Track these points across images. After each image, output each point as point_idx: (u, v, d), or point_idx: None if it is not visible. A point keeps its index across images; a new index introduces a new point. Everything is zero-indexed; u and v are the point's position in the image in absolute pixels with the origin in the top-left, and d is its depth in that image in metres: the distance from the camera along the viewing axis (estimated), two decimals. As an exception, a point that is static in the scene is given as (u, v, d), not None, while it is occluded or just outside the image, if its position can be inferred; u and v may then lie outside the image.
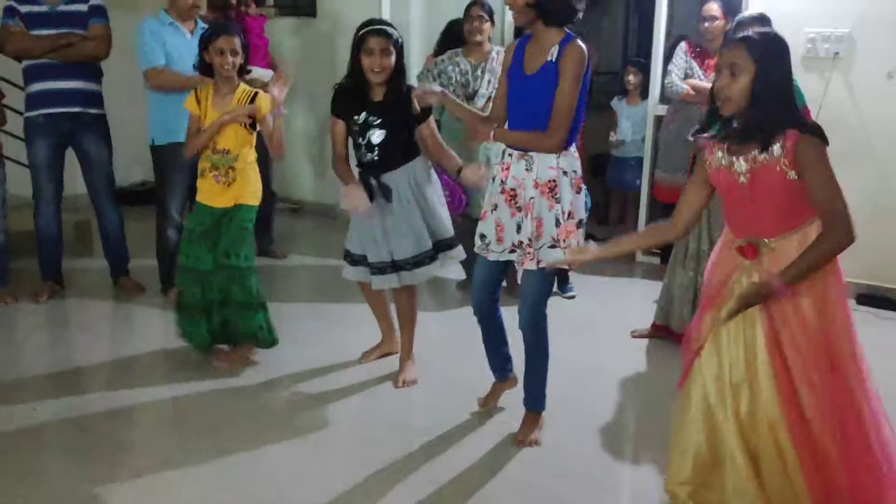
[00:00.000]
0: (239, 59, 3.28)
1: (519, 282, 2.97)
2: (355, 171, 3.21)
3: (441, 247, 3.28)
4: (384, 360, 3.60)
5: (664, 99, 4.76)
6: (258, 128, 3.36)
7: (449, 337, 3.79)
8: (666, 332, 3.82)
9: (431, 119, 3.16)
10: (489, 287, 2.88)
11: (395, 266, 3.20)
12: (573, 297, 4.44)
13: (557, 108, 2.54)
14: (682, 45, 4.56)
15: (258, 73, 4.29)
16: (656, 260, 5.10)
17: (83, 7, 4.00)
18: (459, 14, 5.49)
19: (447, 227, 3.31)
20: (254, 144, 3.41)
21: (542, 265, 2.64)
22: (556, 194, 2.61)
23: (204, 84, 3.37)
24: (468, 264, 4.07)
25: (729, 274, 2.20)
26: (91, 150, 4.14)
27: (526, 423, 2.92)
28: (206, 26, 4.05)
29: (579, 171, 2.68)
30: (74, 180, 4.31)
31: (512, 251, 2.71)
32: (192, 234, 3.40)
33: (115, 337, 3.96)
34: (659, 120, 4.87)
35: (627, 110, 5.34)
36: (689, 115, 4.49)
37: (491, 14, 4.19)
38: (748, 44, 2.03)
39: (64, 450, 2.90)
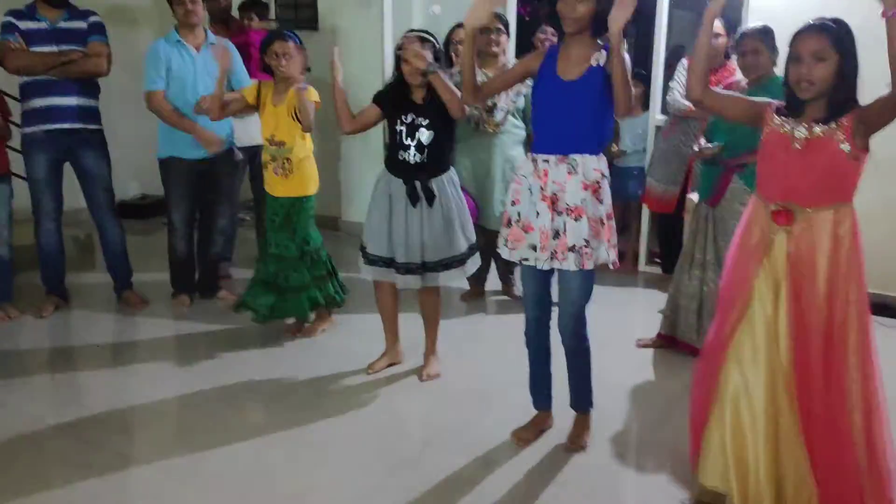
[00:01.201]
0: (294, 62, 3.64)
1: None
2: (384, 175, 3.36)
3: (470, 251, 3.41)
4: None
5: (665, 110, 4.78)
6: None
7: (449, 349, 3.78)
8: (671, 342, 3.82)
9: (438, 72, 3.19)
10: (544, 301, 2.87)
11: (424, 267, 3.31)
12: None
13: (623, 77, 2.52)
14: (684, 60, 4.57)
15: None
16: (658, 269, 5.11)
17: (83, 24, 4.03)
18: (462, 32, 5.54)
19: (473, 232, 3.44)
20: (307, 136, 3.73)
21: (599, 263, 2.69)
22: (600, 195, 2.68)
23: (194, 132, 3.99)
24: (476, 274, 4.09)
25: (756, 261, 2.30)
26: (91, 165, 4.16)
27: (577, 425, 2.98)
28: (214, 41, 4.12)
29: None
30: (77, 195, 4.31)
31: (553, 257, 2.68)
32: (273, 225, 3.82)
33: (119, 349, 3.95)
34: (658, 129, 4.89)
35: (629, 121, 5.35)
36: (687, 129, 4.52)
37: (507, 26, 4.21)
38: (830, 33, 2.18)
39: (66, 462, 2.87)
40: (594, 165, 2.66)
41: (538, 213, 2.68)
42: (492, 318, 4.46)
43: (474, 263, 3.44)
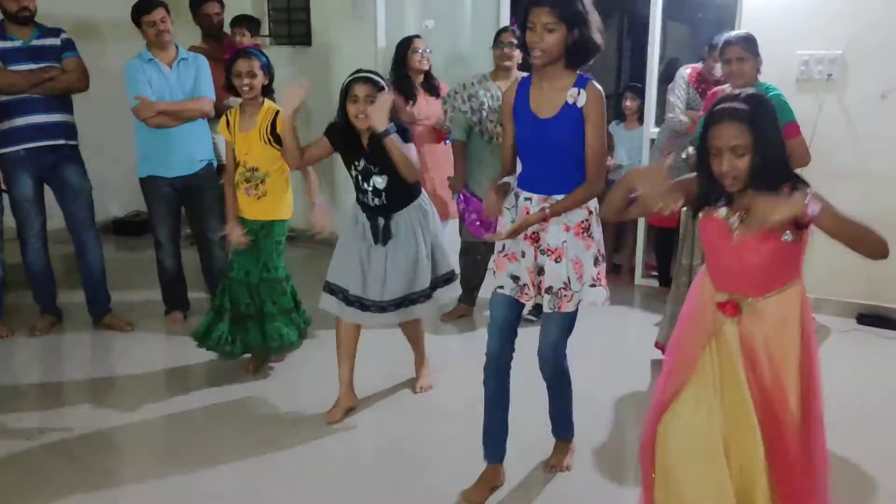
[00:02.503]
0: (258, 81, 3.46)
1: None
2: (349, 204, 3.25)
3: (439, 282, 3.29)
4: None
5: (660, 123, 4.77)
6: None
7: (440, 366, 3.75)
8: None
9: (392, 136, 2.95)
10: (510, 333, 2.67)
11: (391, 304, 3.17)
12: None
13: (594, 156, 2.47)
14: (682, 72, 4.49)
15: (232, 101, 4.34)
16: (655, 282, 5.08)
17: (56, 41, 4.01)
18: (456, 46, 5.56)
19: (449, 261, 3.33)
20: (283, 160, 3.44)
21: (581, 304, 2.56)
22: (590, 233, 2.55)
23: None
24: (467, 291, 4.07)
25: (703, 340, 2.17)
26: (74, 181, 4.13)
27: (558, 450, 2.92)
28: (186, 56, 4.12)
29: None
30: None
31: (538, 293, 2.58)
32: (239, 248, 3.59)
33: (110, 368, 3.91)
34: (652, 143, 4.87)
35: (625, 135, 5.35)
36: (684, 146, 4.49)
37: (520, 40, 4.19)
38: (744, 115, 1.97)
39: (52, 479, 2.84)
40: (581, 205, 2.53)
41: (524, 253, 2.58)
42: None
43: (449, 292, 3.34)
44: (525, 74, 4.18)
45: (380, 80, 3.05)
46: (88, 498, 2.73)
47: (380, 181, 3.09)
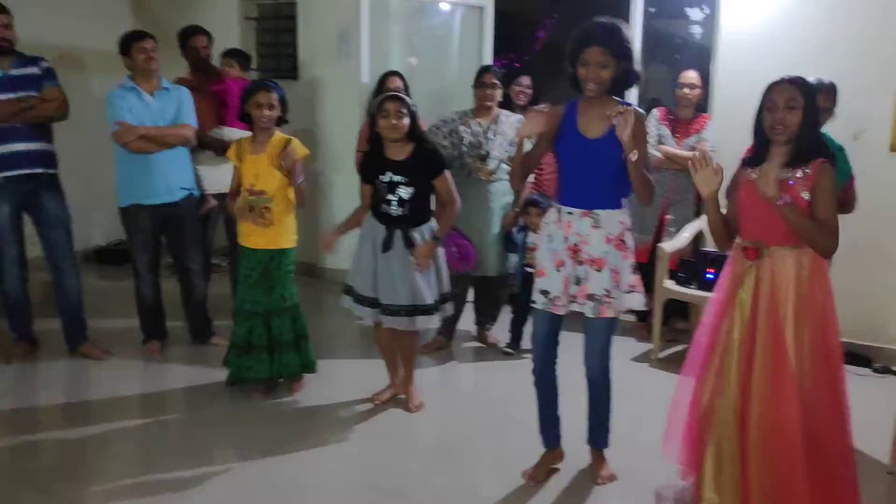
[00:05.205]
0: (276, 113, 3.58)
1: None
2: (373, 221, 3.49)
3: (444, 298, 3.55)
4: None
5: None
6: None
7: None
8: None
9: (447, 172, 3.45)
10: (552, 343, 2.94)
11: (403, 309, 3.42)
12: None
13: (640, 179, 2.73)
14: (655, 111, 4.69)
15: (230, 133, 4.39)
16: (632, 318, 5.10)
17: (36, 70, 4.03)
18: (439, 83, 5.65)
19: (447, 283, 3.56)
20: (291, 189, 3.63)
21: (621, 310, 2.82)
22: (627, 245, 2.80)
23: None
24: (445, 323, 4.11)
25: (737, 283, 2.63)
26: (52, 210, 4.12)
27: (597, 460, 3.06)
28: (168, 87, 4.17)
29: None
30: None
31: (572, 301, 2.80)
32: (248, 280, 3.67)
33: (88, 395, 3.87)
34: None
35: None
36: (659, 179, 4.58)
37: (501, 80, 4.33)
38: (800, 85, 2.49)
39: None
40: (618, 219, 2.78)
41: (563, 263, 2.79)
42: (466, 367, 4.44)
43: (441, 314, 3.55)
44: (506, 112, 4.33)
45: (407, 97, 3.43)
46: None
47: (405, 192, 3.36)
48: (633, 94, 4.93)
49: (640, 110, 2.78)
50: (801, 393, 2.48)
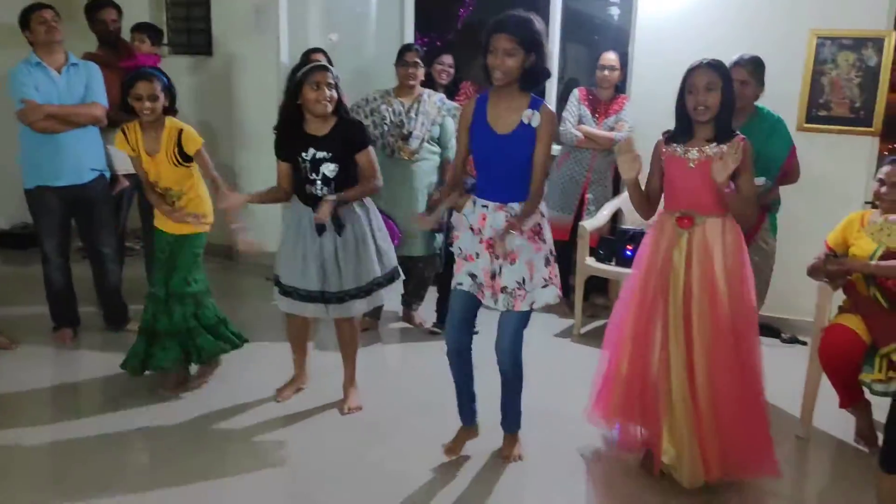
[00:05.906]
0: (160, 104, 3.38)
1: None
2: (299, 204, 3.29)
3: (384, 280, 3.36)
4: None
5: (557, 140, 4.92)
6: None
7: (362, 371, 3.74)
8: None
9: (370, 147, 3.27)
10: (469, 325, 2.95)
11: (334, 297, 3.26)
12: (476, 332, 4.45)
13: (540, 168, 2.77)
14: (576, 92, 4.76)
15: None
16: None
17: None
18: (359, 60, 5.57)
19: (393, 257, 3.43)
20: (197, 175, 3.52)
21: (535, 306, 2.82)
22: (542, 236, 2.82)
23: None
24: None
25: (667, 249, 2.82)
26: None
27: (508, 442, 3.10)
28: (76, 62, 3.97)
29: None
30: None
31: (493, 295, 2.83)
32: (159, 262, 3.54)
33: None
34: (553, 159, 5.00)
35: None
36: (580, 158, 4.71)
37: (423, 60, 4.27)
38: (717, 67, 2.72)
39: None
40: None
41: (478, 255, 2.83)
42: (392, 347, 4.43)
43: (394, 289, 3.43)
44: (428, 91, 4.30)
45: (332, 68, 3.20)
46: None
47: (330, 169, 3.18)
48: (553, 74, 4.98)
49: (551, 109, 2.80)
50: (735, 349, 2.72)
